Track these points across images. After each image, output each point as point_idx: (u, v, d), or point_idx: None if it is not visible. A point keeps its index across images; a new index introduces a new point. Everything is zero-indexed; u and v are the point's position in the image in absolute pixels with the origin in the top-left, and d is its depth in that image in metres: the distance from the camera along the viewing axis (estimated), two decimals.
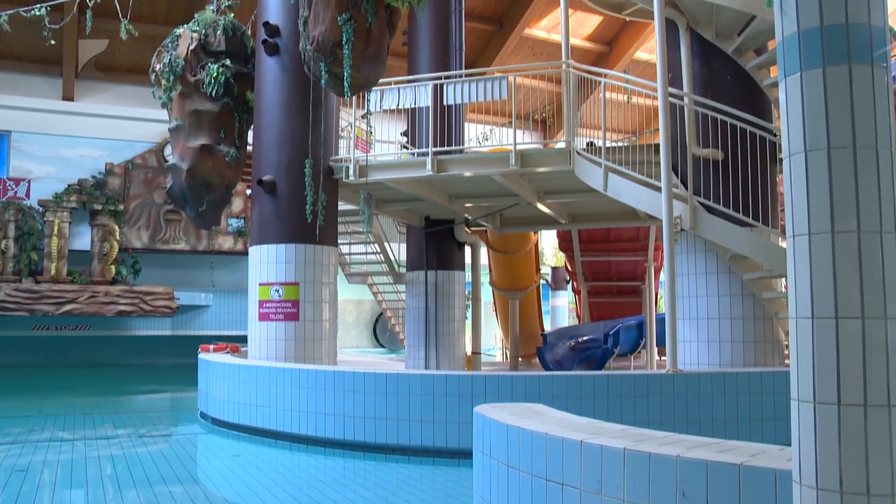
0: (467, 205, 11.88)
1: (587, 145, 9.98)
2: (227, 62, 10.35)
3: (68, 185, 18.62)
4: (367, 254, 15.68)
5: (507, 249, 14.47)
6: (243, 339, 10.77)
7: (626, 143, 9.42)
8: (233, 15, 10.84)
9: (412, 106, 10.08)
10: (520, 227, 13.13)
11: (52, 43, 10.67)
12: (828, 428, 2.31)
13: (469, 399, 7.01)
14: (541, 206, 11.09)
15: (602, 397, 7.06)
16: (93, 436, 8.65)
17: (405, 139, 13.01)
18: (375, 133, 12.08)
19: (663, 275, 7.95)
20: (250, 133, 10.53)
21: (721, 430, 7.17)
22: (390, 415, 7.33)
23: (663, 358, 13.68)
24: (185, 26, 10.60)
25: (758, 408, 7.37)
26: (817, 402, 2.34)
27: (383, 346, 25.04)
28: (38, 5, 10.05)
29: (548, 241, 23.96)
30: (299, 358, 9.36)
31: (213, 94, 10.21)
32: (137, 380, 16.51)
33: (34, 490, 5.95)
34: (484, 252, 14.80)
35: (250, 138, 10.41)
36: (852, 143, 2.38)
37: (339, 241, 10.99)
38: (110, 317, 18.57)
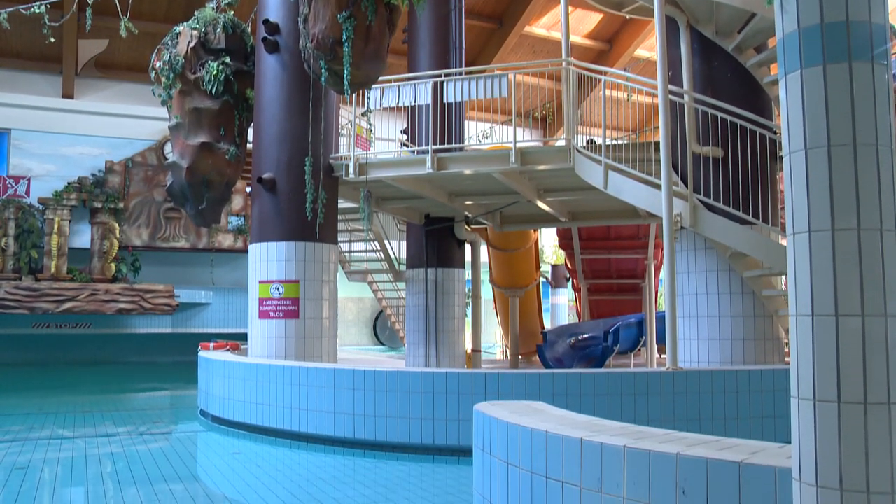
0: (467, 202, 11.88)
1: (587, 143, 9.98)
2: (227, 60, 10.34)
3: (68, 183, 18.62)
4: (367, 251, 15.69)
5: (507, 247, 14.48)
6: (243, 336, 10.77)
7: (626, 141, 9.41)
8: (233, 12, 10.83)
9: (412, 104, 10.08)
10: (520, 225, 13.13)
11: (52, 41, 10.67)
12: (828, 425, 2.31)
13: (469, 397, 7.01)
14: (541, 204, 11.09)
15: (602, 395, 7.06)
16: (93, 433, 8.65)
17: (405, 137, 13.01)
18: (375, 131, 12.07)
19: (663, 272, 7.95)
20: (250, 131, 10.53)
21: (721, 427, 7.17)
22: (390, 412, 7.33)
23: (663, 356, 13.69)
24: (185, 24, 10.59)
25: (758, 405, 7.37)
26: (817, 400, 2.34)
27: (383, 344, 25.05)
28: (37, 3, 10.03)
29: (548, 238, 23.96)
30: (299, 356, 9.37)
31: (213, 92, 10.21)
32: (137, 378, 16.51)
33: (34, 488, 5.96)
34: (484, 250, 14.80)
35: (250, 136, 10.41)
36: (853, 140, 2.38)
37: (339, 238, 10.99)
38: (110, 315, 18.58)
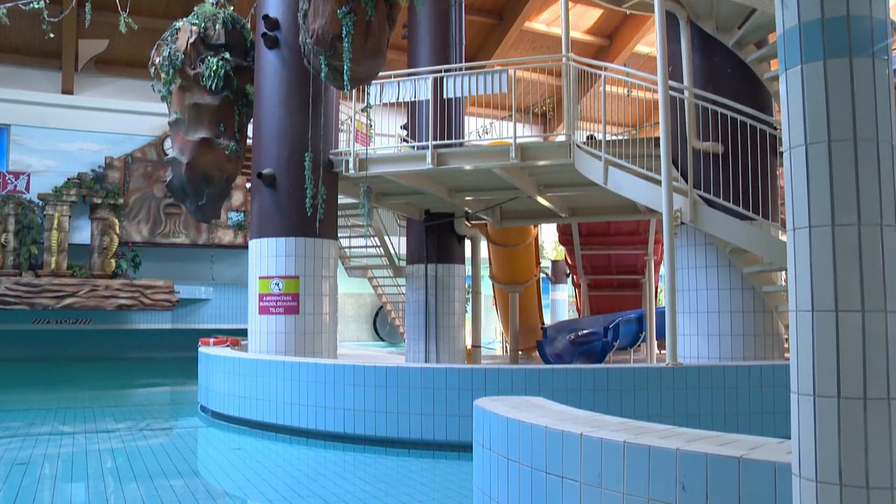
0: (467, 198, 11.88)
1: (587, 138, 9.98)
2: (227, 55, 10.32)
3: (68, 179, 18.61)
4: (367, 247, 15.69)
5: (507, 243, 14.47)
6: (243, 332, 10.79)
7: (626, 137, 9.40)
8: (232, 8, 10.81)
9: (412, 99, 10.07)
10: (520, 221, 13.13)
11: (52, 36, 10.64)
12: (827, 421, 2.31)
13: (469, 392, 7.01)
14: (541, 200, 11.09)
15: (602, 390, 7.07)
16: (93, 429, 8.66)
17: (405, 132, 13.00)
18: (375, 126, 12.06)
19: (663, 268, 7.95)
20: (250, 126, 10.52)
21: (721, 423, 7.17)
22: (390, 408, 7.34)
23: (663, 351, 13.70)
24: (185, 19, 10.57)
25: (757, 401, 7.38)
26: (817, 396, 2.34)
27: (383, 340, 25.06)
28: None
29: (548, 234, 23.95)
30: (299, 351, 9.37)
31: (213, 88, 10.20)
32: (137, 373, 16.53)
33: (35, 483, 5.97)
34: (484, 245, 14.81)
35: (250, 131, 10.41)
36: (853, 136, 2.38)
37: (339, 234, 10.99)
38: (110, 310, 18.59)
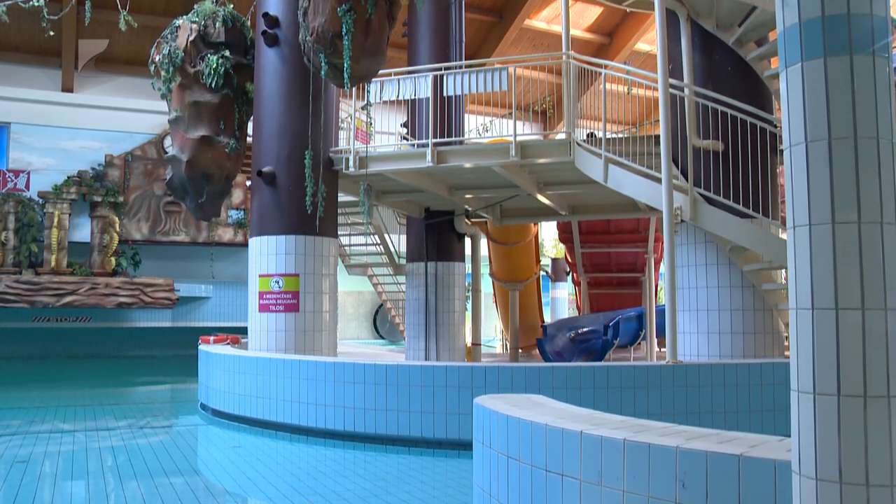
0: (467, 196, 11.87)
1: (587, 136, 9.96)
2: (227, 53, 10.32)
3: (68, 177, 18.60)
4: (367, 245, 15.69)
5: (507, 241, 14.47)
6: (243, 330, 10.79)
7: (626, 135, 9.40)
8: (232, 6, 10.81)
9: (412, 97, 10.07)
10: (520, 219, 13.12)
11: (52, 34, 10.64)
12: (827, 419, 2.31)
13: (469, 390, 7.01)
14: (541, 198, 11.08)
15: (602, 388, 7.07)
16: (93, 427, 8.67)
17: (405, 130, 12.99)
18: (375, 124, 12.05)
19: (663, 266, 7.95)
20: (250, 124, 10.52)
21: (721, 421, 7.18)
22: (390, 406, 7.34)
23: (663, 349, 13.70)
24: (185, 17, 10.56)
25: (757, 399, 7.38)
26: (817, 393, 2.34)
27: (383, 338, 25.07)
28: None
29: (548, 232, 23.96)
30: (299, 349, 9.37)
31: (213, 86, 10.19)
32: (138, 371, 16.53)
33: (35, 481, 5.97)
34: (484, 243, 14.81)
35: (250, 129, 10.40)
36: (853, 133, 2.37)
37: (339, 232, 10.99)
38: (110, 308, 18.58)
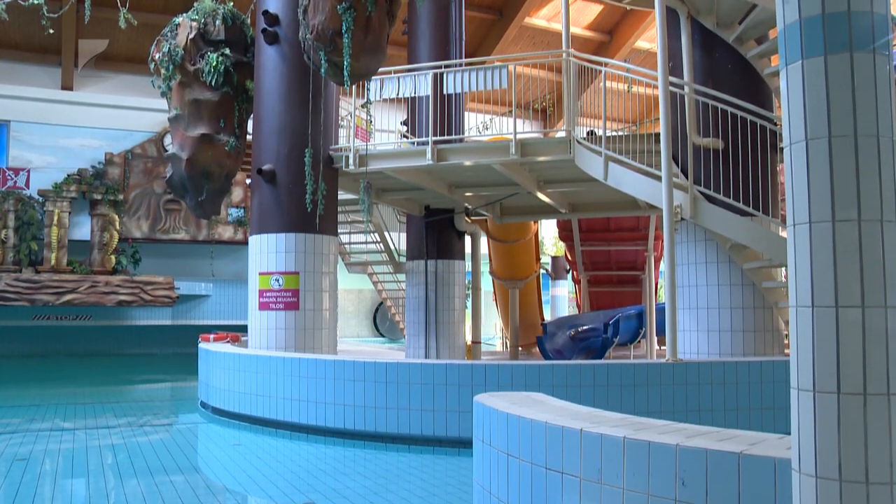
0: (467, 194, 11.87)
1: (587, 134, 9.96)
2: (227, 51, 10.31)
3: (68, 175, 18.58)
4: (366, 243, 15.69)
5: (507, 239, 14.47)
6: (243, 328, 10.78)
7: (626, 133, 9.40)
8: (232, 4, 10.80)
9: (412, 95, 10.06)
10: (520, 217, 13.12)
11: (51, 32, 10.64)
12: (827, 417, 2.31)
13: (469, 388, 7.02)
14: (541, 196, 11.08)
15: (602, 386, 7.07)
16: (93, 425, 8.67)
17: (405, 128, 12.99)
18: (375, 122, 12.05)
19: (663, 264, 7.94)
20: (250, 122, 10.51)
21: (721, 419, 7.18)
22: (390, 404, 7.34)
23: (663, 347, 13.70)
24: (185, 15, 10.56)
25: (757, 397, 7.38)
26: (817, 391, 2.34)
27: (383, 336, 25.07)
28: None
29: (548, 230, 23.95)
30: (299, 347, 9.38)
31: (213, 84, 10.19)
32: (138, 369, 16.54)
33: (35, 479, 5.97)
34: (484, 241, 14.80)
35: (250, 127, 10.40)
36: (853, 131, 2.37)
37: (338, 230, 10.99)
38: (110, 306, 18.58)
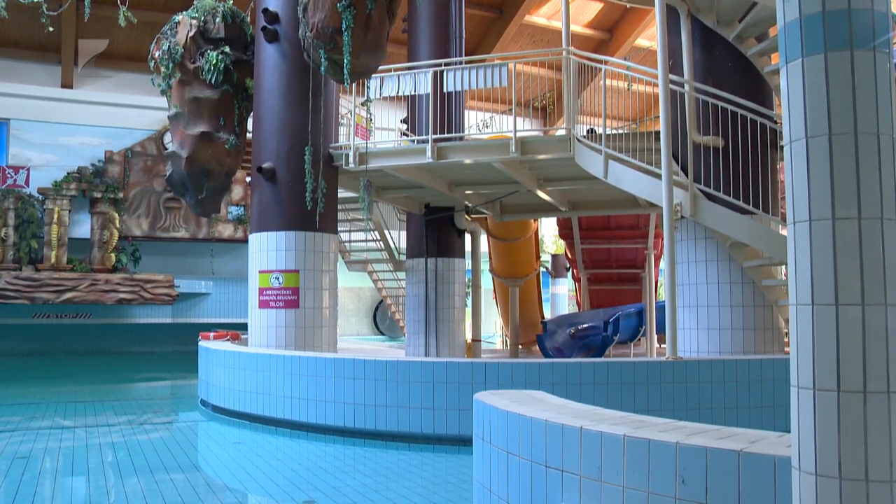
0: (467, 192, 11.87)
1: (587, 132, 9.96)
2: (227, 49, 10.30)
3: (68, 173, 18.58)
4: (367, 241, 15.68)
5: (507, 237, 14.47)
6: (243, 326, 10.78)
7: (626, 131, 9.39)
8: (232, 1, 10.79)
9: (412, 93, 10.05)
10: (520, 215, 13.12)
11: (51, 30, 10.63)
12: (827, 415, 2.31)
13: (469, 386, 7.02)
14: (541, 194, 11.08)
15: (602, 384, 7.08)
16: (93, 423, 8.67)
17: (405, 126, 12.98)
18: (375, 120, 12.05)
19: (663, 262, 7.94)
20: (250, 120, 10.51)
21: (721, 417, 7.18)
22: (390, 402, 7.35)
23: (663, 345, 13.70)
24: (184, 13, 10.55)
25: (757, 395, 7.38)
26: (817, 389, 2.34)
27: (383, 334, 25.08)
28: None
29: (548, 228, 23.95)
30: (299, 345, 9.38)
31: (213, 82, 10.18)
32: (138, 367, 16.54)
33: (36, 478, 5.98)
34: (484, 239, 14.80)
35: (250, 125, 10.39)
36: (854, 129, 2.37)
37: (338, 228, 10.98)
38: (110, 305, 18.59)
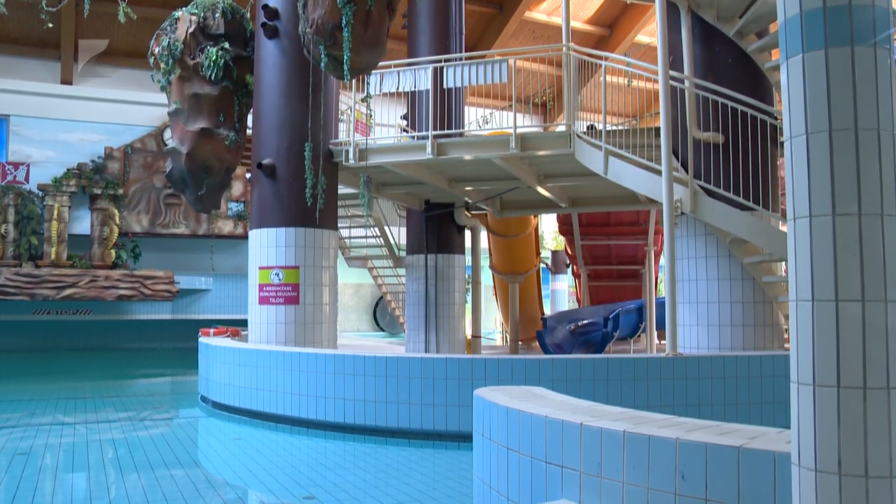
0: (467, 188, 11.86)
1: (588, 129, 9.96)
2: (227, 45, 10.29)
3: (68, 170, 18.58)
4: (367, 237, 15.69)
5: (507, 233, 14.47)
6: (243, 322, 10.80)
7: (626, 127, 9.38)
8: None
9: (412, 89, 10.04)
10: (520, 211, 13.12)
11: (51, 26, 10.62)
12: (827, 410, 2.31)
13: (469, 382, 7.02)
14: (541, 190, 11.07)
15: (602, 380, 7.08)
16: (94, 419, 8.68)
17: (405, 122, 12.97)
18: (375, 116, 12.03)
19: (663, 258, 7.94)
20: (250, 116, 10.50)
21: (721, 413, 7.18)
22: (391, 398, 7.35)
23: (663, 342, 13.71)
24: (184, 9, 10.53)
25: (757, 391, 7.39)
26: (817, 385, 2.34)
27: (383, 330, 25.08)
28: None
29: (548, 224, 23.94)
30: (299, 341, 9.38)
31: (213, 78, 10.17)
32: (138, 364, 16.55)
33: (36, 474, 5.98)
34: (484, 236, 14.80)
35: (250, 121, 10.39)
36: (854, 125, 2.36)
37: (339, 224, 10.98)
38: (110, 301, 18.59)
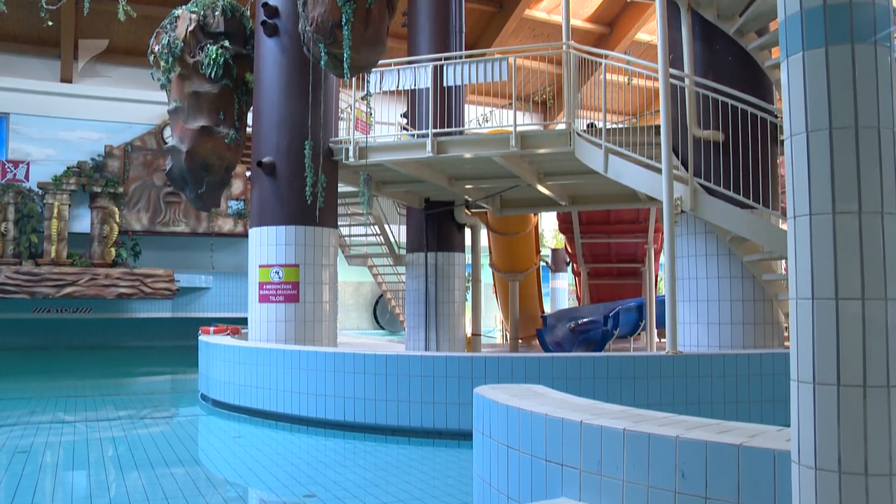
0: (467, 186, 11.86)
1: (587, 127, 9.95)
2: (226, 43, 10.29)
3: (67, 168, 18.57)
4: (366, 235, 15.69)
5: (507, 231, 14.47)
6: (243, 321, 10.80)
7: (626, 125, 9.38)
8: None
9: (412, 87, 10.04)
10: (520, 209, 13.12)
11: (50, 24, 10.61)
12: (827, 409, 2.31)
13: (469, 380, 7.02)
14: (541, 188, 11.07)
15: (602, 379, 7.08)
16: (94, 418, 8.68)
17: (405, 121, 12.97)
18: (375, 114, 12.03)
19: (663, 257, 7.94)
20: (250, 114, 10.50)
21: (721, 411, 7.19)
22: (390, 396, 7.35)
23: (663, 340, 13.71)
24: (184, 7, 10.53)
25: (757, 389, 7.39)
26: (817, 383, 2.34)
27: (383, 328, 25.09)
28: None
29: (548, 222, 23.94)
30: (299, 339, 9.38)
31: (212, 76, 10.17)
32: (138, 362, 16.56)
33: (36, 472, 5.99)
34: (484, 234, 14.80)
35: (250, 120, 10.38)
36: (854, 123, 2.36)
37: (338, 222, 10.98)
38: (110, 299, 18.60)
